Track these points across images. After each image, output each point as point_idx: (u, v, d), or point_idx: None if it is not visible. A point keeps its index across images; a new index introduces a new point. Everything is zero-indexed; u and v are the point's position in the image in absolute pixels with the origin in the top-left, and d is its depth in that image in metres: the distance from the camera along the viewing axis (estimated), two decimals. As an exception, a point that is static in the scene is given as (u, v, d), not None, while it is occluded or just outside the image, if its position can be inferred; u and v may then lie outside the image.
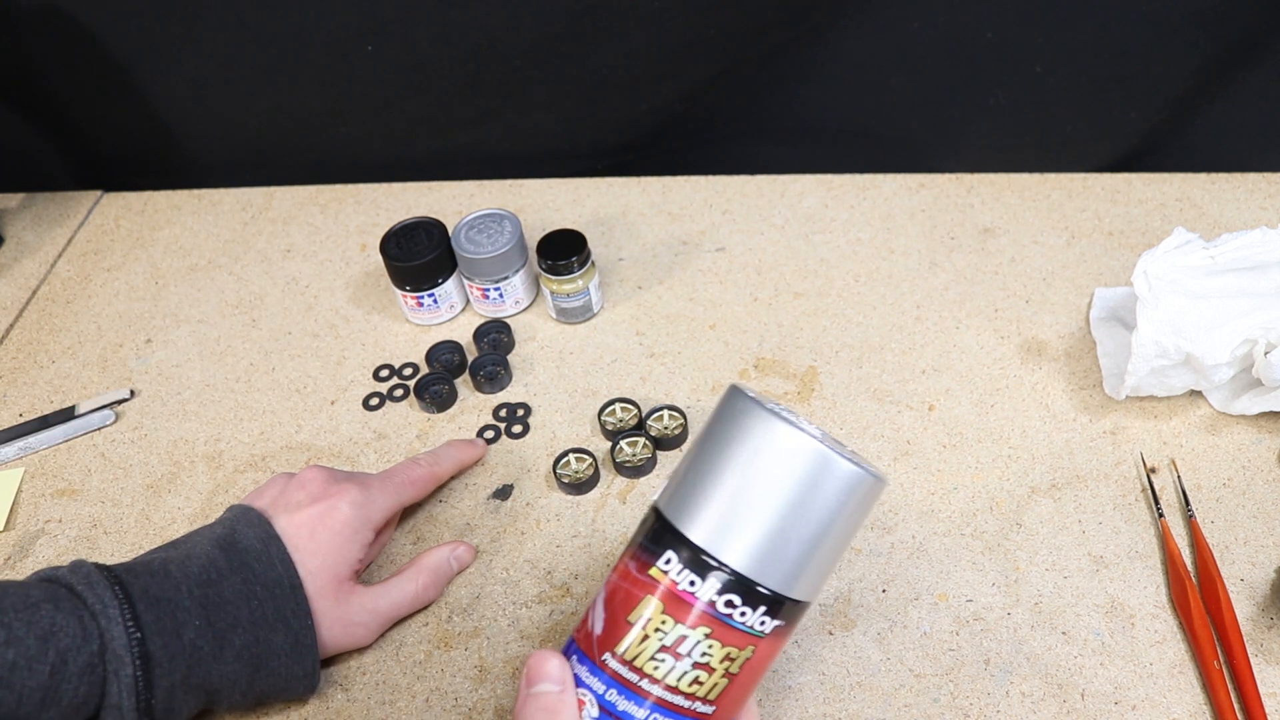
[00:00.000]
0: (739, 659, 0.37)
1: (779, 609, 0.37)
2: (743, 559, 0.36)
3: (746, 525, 0.37)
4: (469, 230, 0.69)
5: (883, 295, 0.70)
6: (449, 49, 0.77)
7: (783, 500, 0.37)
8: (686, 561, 0.37)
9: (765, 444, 0.37)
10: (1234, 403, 0.59)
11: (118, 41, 0.78)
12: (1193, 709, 0.47)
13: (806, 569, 0.37)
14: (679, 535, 0.37)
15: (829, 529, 0.37)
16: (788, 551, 0.37)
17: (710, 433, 0.39)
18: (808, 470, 0.37)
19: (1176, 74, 0.73)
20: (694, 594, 0.37)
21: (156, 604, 0.44)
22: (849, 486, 0.37)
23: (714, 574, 0.37)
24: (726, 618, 0.37)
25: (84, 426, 0.66)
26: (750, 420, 0.38)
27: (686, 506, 0.38)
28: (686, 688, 0.37)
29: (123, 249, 0.81)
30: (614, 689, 0.37)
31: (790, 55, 0.76)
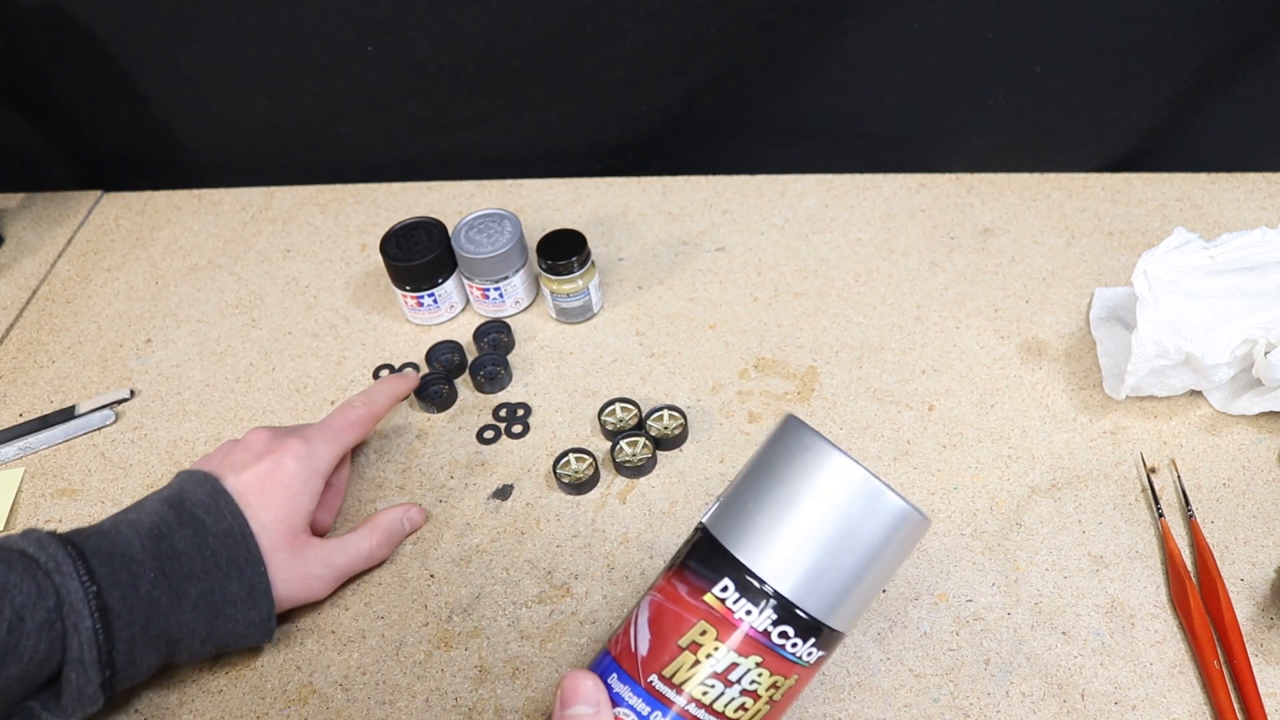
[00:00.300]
0: (783, 687, 0.38)
1: (824, 639, 0.38)
2: (797, 588, 0.37)
3: (801, 554, 0.37)
4: (469, 230, 0.69)
5: (883, 295, 0.70)
6: (449, 49, 0.77)
7: (836, 531, 0.37)
8: (741, 588, 0.37)
9: (823, 475, 0.38)
10: (1234, 403, 0.59)
11: (118, 41, 0.78)
12: (1193, 709, 0.47)
13: (850, 600, 0.38)
14: (734, 561, 0.38)
15: (875, 563, 0.38)
16: (837, 583, 0.38)
17: (766, 460, 0.39)
18: (862, 504, 0.37)
19: (1176, 74, 0.73)
20: (750, 622, 0.37)
21: (110, 559, 0.45)
22: (898, 522, 0.38)
23: (768, 602, 0.37)
24: (780, 648, 0.37)
25: (84, 426, 0.66)
26: (807, 450, 0.38)
27: (742, 531, 0.38)
28: (732, 714, 0.37)
29: (123, 249, 0.81)
30: (659, 711, 0.37)
31: (790, 55, 0.76)
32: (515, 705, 0.50)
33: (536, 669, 0.51)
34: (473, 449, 0.62)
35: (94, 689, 0.44)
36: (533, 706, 0.49)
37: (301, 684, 0.51)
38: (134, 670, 0.46)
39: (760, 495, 0.39)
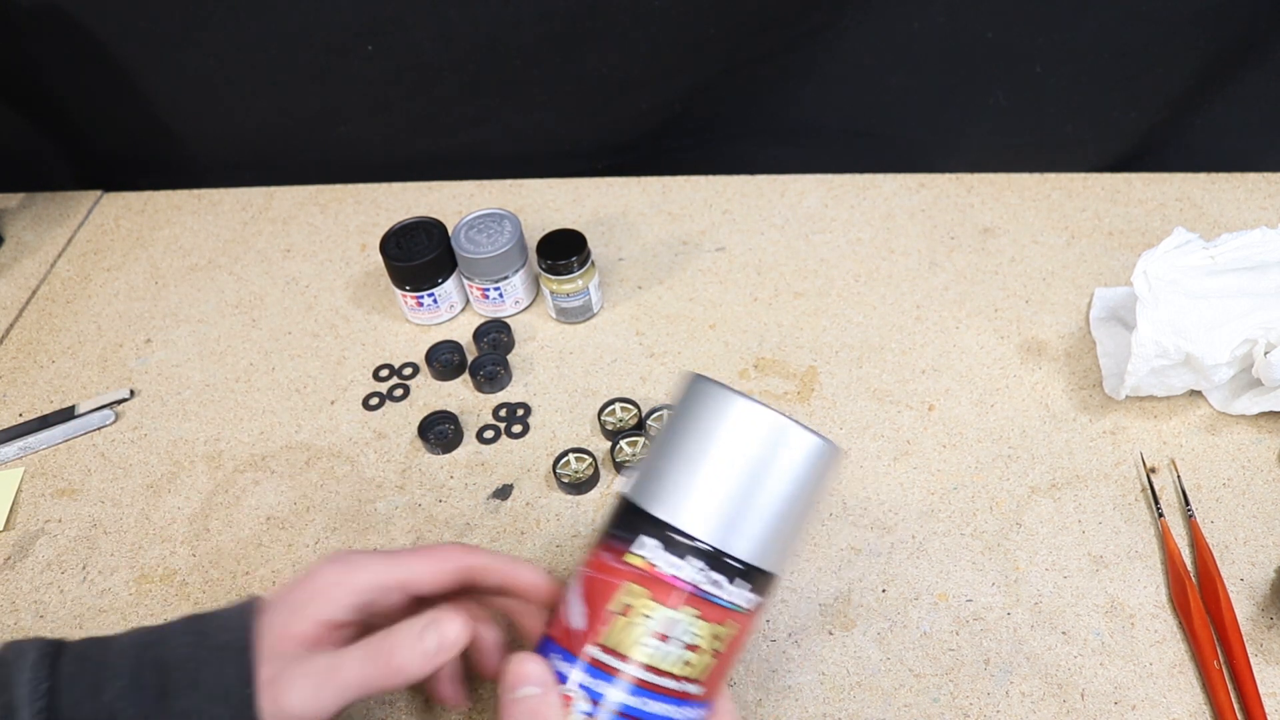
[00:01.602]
0: (725, 637, 0.38)
1: (757, 583, 0.38)
2: (717, 534, 0.37)
3: (717, 500, 0.37)
4: (469, 230, 0.69)
5: (883, 295, 0.70)
6: (449, 49, 0.77)
7: (748, 473, 0.37)
8: (663, 543, 0.37)
9: (726, 419, 0.38)
10: (1234, 403, 0.59)
11: (118, 41, 0.78)
12: (1193, 709, 0.47)
13: (774, 540, 0.38)
14: (651, 518, 0.38)
15: (793, 499, 0.38)
16: (757, 524, 0.37)
17: (673, 420, 0.40)
18: (769, 442, 0.37)
19: (1176, 74, 0.73)
20: (676, 576, 0.37)
21: (84, 661, 0.39)
22: (809, 456, 0.38)
23: (693, 553, 0.37)
24: (713, 597, 0.37)
25: (84, 426, 0.66)
26: (710, 399, 0.38)
27: (656, 490, 0.38)
28: (679, 670, 0.37)
29: (123, 249, 0.81)
30: (602, 679, 0.37)
31: (790, 55, 0.76)
32: (515, 705, 0.49)
33: (536, 669, 0.51)
34: (473, 449, 0.62)
35: None
36: (533, 706, 0.49)
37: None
38: None
39: (670, 452, 0.39)
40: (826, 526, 0.56)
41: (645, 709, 0.37)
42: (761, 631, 0.51)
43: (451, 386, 0.67)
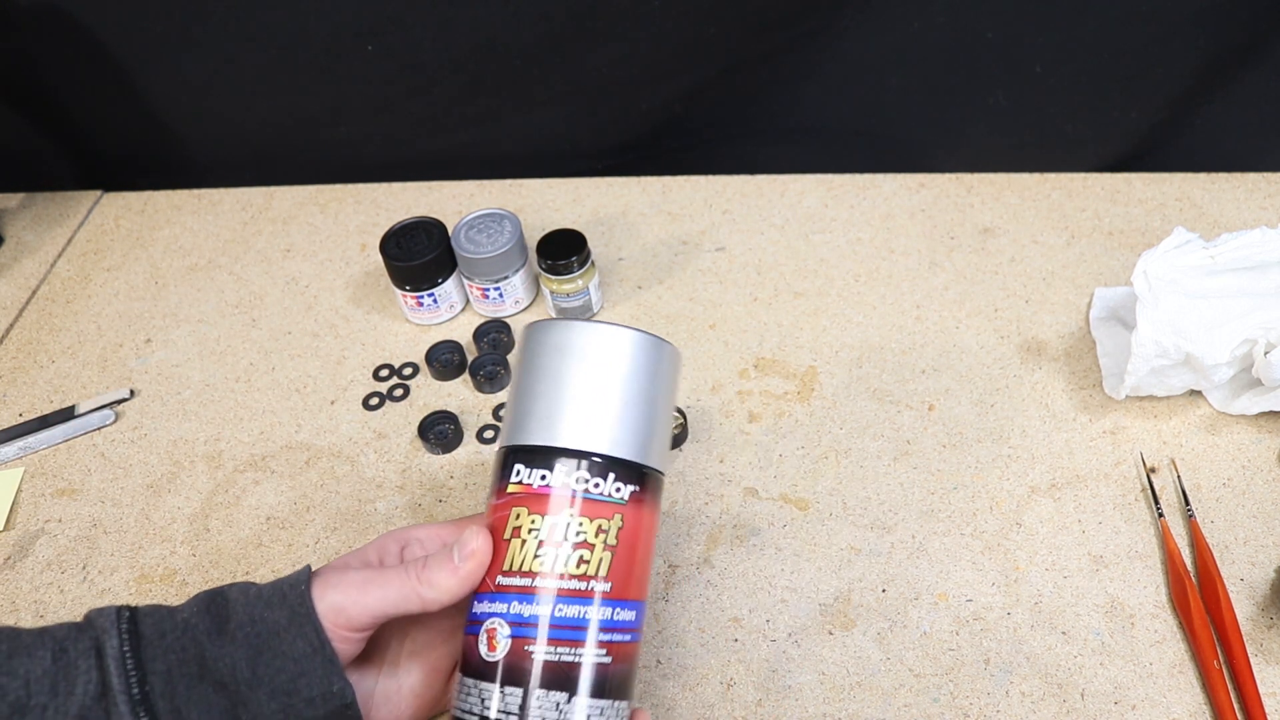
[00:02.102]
0: (612, 529, 0.40)
1: (623, 472, 0.41)
2: (569, 435, 0.40)
3: (562, 410, 0.41)
4: (469, 230, 0.69)
5: (883, 295, 0.70)
6: (449, 49, 0.77)
7: (581, 378, 0.41)
8: (530, 463, 0.41)
9: (547, 343, 0.42)
10: (1234, 402, 0.59)
11: (118, 41, 0.78)
12: (1193, 709, 0.47)
13: (630, 431, 0.41)
14: (517, 448, 0.41)
15: (632, 391, 0.41)
16: (607, 418, 0.41)
17: (517, 368, 0.43)
18: (588, 347, 0.41)
19: (1176, 74, 0.73)
20: (547, 485, 0.40)
21: (154, 609, 0.42)
22: (632, 350, 0.42)
23: (556, 461, 0.40)
24: (584, 493, 0.40)
25: (84, 426, 0.66)
26: (531, 337, 0.43)
27: (515, 425, 0.42)
28: (576, 569, 0.40)
29: (123, 249, 0.81)
30: (515, 601, 0.40)
31: (790, 55, 0.76)
32: (515, 705, 0.49)
33: (536, 669, 0.51)
34: (473, 449, 0.62)
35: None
36: (533, 706, 0.49)
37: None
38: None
39: (517, 394, 0.43)
40: (827, 526, 0.56)
41: (563, 614, 0.39)
42: (761, 631, 0.51)
43: (451, 386, 0.67)
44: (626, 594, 0.41)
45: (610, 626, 0.40)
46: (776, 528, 0.56)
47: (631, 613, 0.41)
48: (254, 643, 0.41)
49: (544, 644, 0.39)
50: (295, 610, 0.41)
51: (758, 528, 0.56)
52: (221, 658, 0.40)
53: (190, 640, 0.40)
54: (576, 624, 0.39)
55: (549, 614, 0.39)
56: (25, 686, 0.38)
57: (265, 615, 0.41)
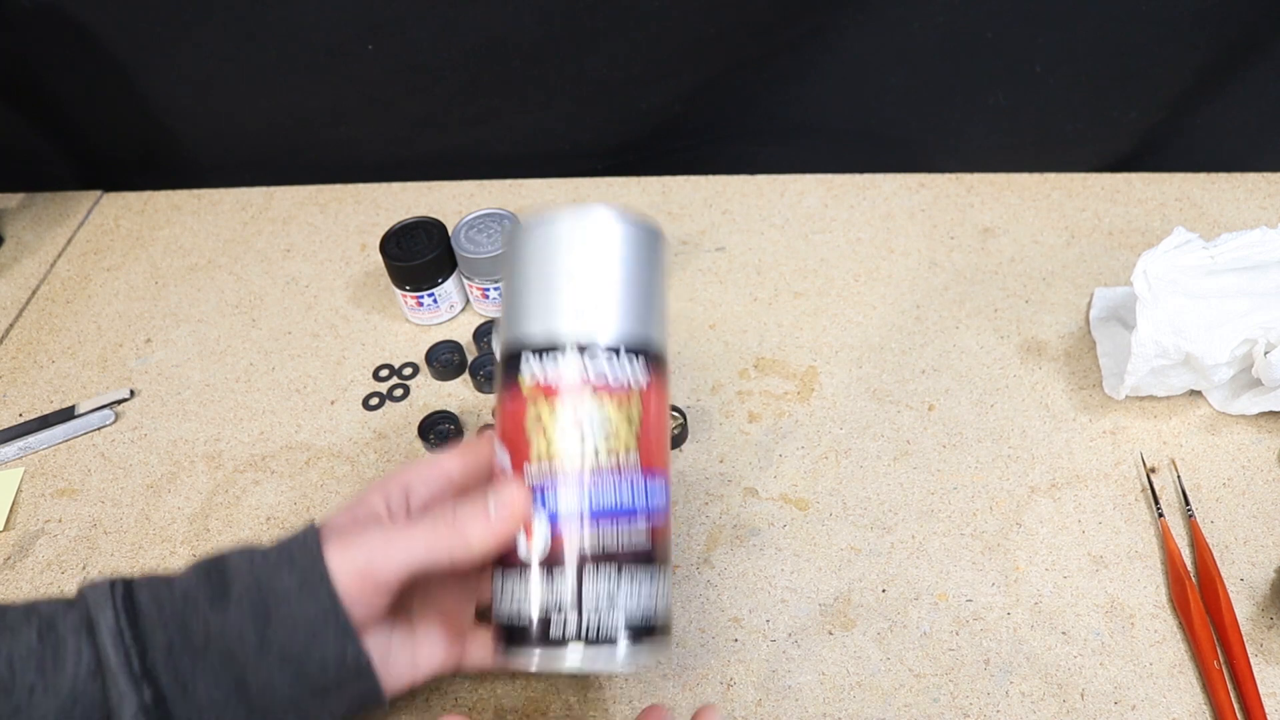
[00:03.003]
0: (632, 410, 0.41)
1: (636, 355, 0.41)
2: (580, 324, 0.40)
3: (568, 298, 0.41)
4: (469, 230, 0.69)
5: (883, 295, 0.70)
6: (449, 49, 0.77)
7: (575, 267, 0.41)
8: (542, 357, 0.40)
9: (533, 240, 0.42)
10: (1234, 402, 0.59)
11: (118, 41, 0.78)
12: (1193, 709, 0.47)
13: (630, 311, 0.41)
14: (521, 346, 0.41)
15: (632, 272, 0.41)
16: (610, 302, 0.41)
17: (509, 264, 0.43)
18: (581, 233, 0.41)
19: (1176, 74, 0.73)
20: (562, 376, 0.40)
21: (150, 579, 0.40)
22: (618, 233, 0.41)
23: (568, 351, 0.40)
24: (602, 377, 0.40)
25: (84, 426, 0.66)
26: (517, 237, 0.42)
27: (518, 322, 0.41)
28: (605, 454, 0.40)
29: (123, 249, 0.81)
30: (549, 494, 0.40)
31: (790, 55, 0.76)
32: (515, 705, 0.50)
33: (536, 669, 0.51)
34: (473, 449, 0.62)
35: (137, 716, 0.36)
36: (532, 706, 0.49)
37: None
38: (188, 698, 0.37)
39: (516, 288, 0.42)
40: (827, 526, 0.56)
41: (597, 499, 0.40)
42: (761, 631, 0.51)
43: (451, 386, 0.67)
44: (655, 470, 0.41)
45: (644, 504, 0.41)
46: (776, 528, 0.56)
47: (661, 487, 0.42)
48: (260, 609, 0.39)
49: (585, 531, 0.40)
50: (306, 573, 0.39)
51: (758, 528, 0.56)
52: (226, 625, 0.38)
53: (191, 610, 0.38)
54: (614, 507, 0.40)
55: (584, 501, 0.40)
56: (9, 665, 0.36)
57: (272, 579, 0.39)
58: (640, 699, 0.49)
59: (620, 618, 0.39)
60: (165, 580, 0.40)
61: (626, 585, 0.40)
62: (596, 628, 0.39)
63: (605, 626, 0.39)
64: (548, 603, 0.39)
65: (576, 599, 0.39)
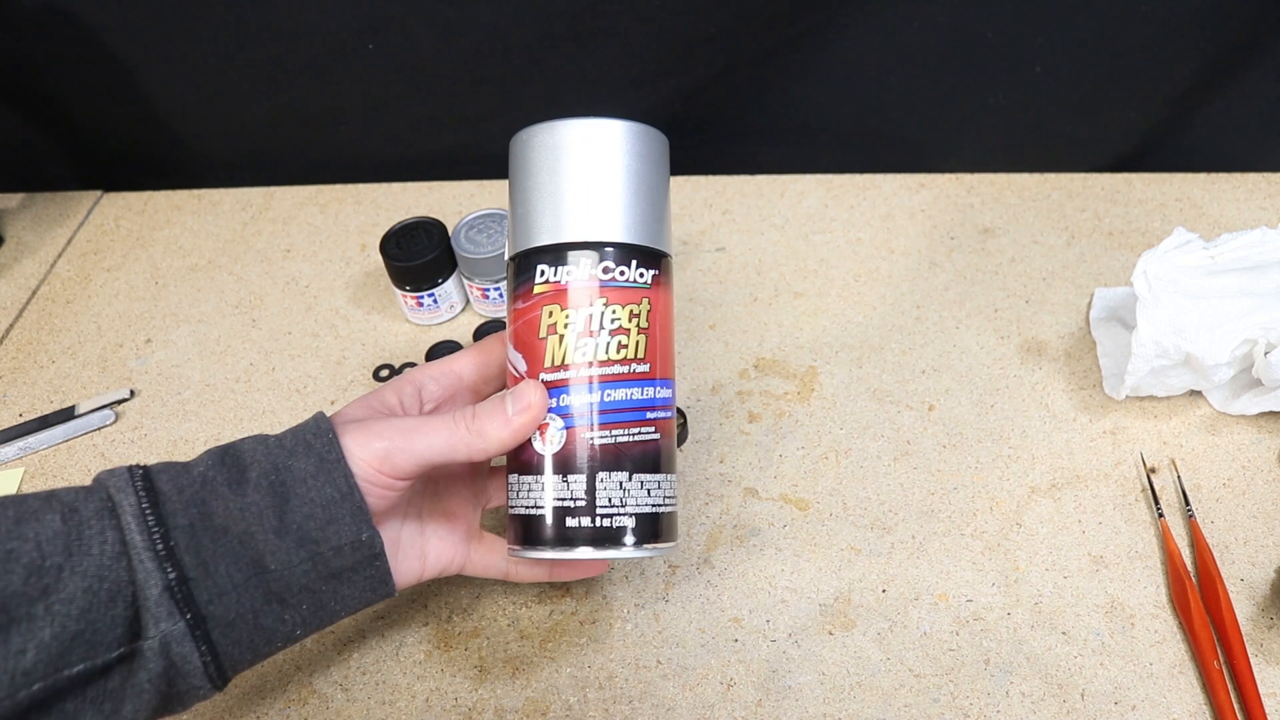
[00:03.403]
0: (641, 312, 0.43)
1: (643, 258, 0.43)
2: (590, 228, 0.42)
3: (567, 207, 0.42)
4: (469, 230, 0.69)
5: (883, 295, 0.70)
6: (449, 48, 0.77)
7: (582, 175, 0.42)
8: (554, 261, 0.42)
9: (547, 142, 0.43)
10: (1234, 403, 0.59)
11: (118, 41, 0.78)
12: (1193, 709, 0.47)
13: (635, 217, 0.42)
14: (532, 252, 0.43)
15: (636, 178, 0.43)
16: (613, 208, 0.42)
17: (514, 175, 0.44)
18: (582, 143, 0.42)
19: (1176, 74, 0.73)
20: (573, 278, 0.42)
21: (167, 465, 0.41)
22: (625, 139, 0.43)
23: (580, 255, 0.42)
24: (610, 281, 0.42)
25: (84, 426, 0.66)
26: (529, 137, 0.43)
27: (529, 229, 0.43)
28: (616, 355, 0.42)
29: (123, 249, 0.81)
30: (563, 393, 0.42)
31: (790, 55, 0.76)
32: (515, 705, 0.50)
33: (536, 669, 0.51)
34: (473, 449, 0.62)
35: (162, 596, 0.37)
36: (532, 706, 0.49)
37: (301, 684, 0.51)
38: (210, 578, 0.38)
39: (523, 198, 0.43)
40: (827, 526, 0.56)
41: (611, 398, 0.42)
42: (761, 631, 0.51)
43: (451, 386, 0.67)
44: (663, 372, 0.44)
45: (654, 404, 0.43)
46: (776, 528, 0.56)
47: (669, 390, 0.44)
48: (280, 490, 0.40)
49: (597, 429, 0.42)
50: (323, 457, 0.40)
51: (758, 528, 0.56)
52: (246, 508, 0.39)
53: (210, 493, 0.39)
54: (625, 405, 0.42)
55: (598, 400, 0.42)
56: (38, 549, 0.36)
57: (289, 463, 0.40)
58: (640, 699, 0.49)
59: (629, 519, 0.42)
60: (183, 466, 0.40)
61: (636, 485, 0.42)
62: (608, 525, 0.42)
63: (615, 524, 0.42)
64: (560, 502, 0.42)
65: (589, 498, 0.41)
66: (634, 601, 0.53)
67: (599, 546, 0.42)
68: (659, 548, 0.43)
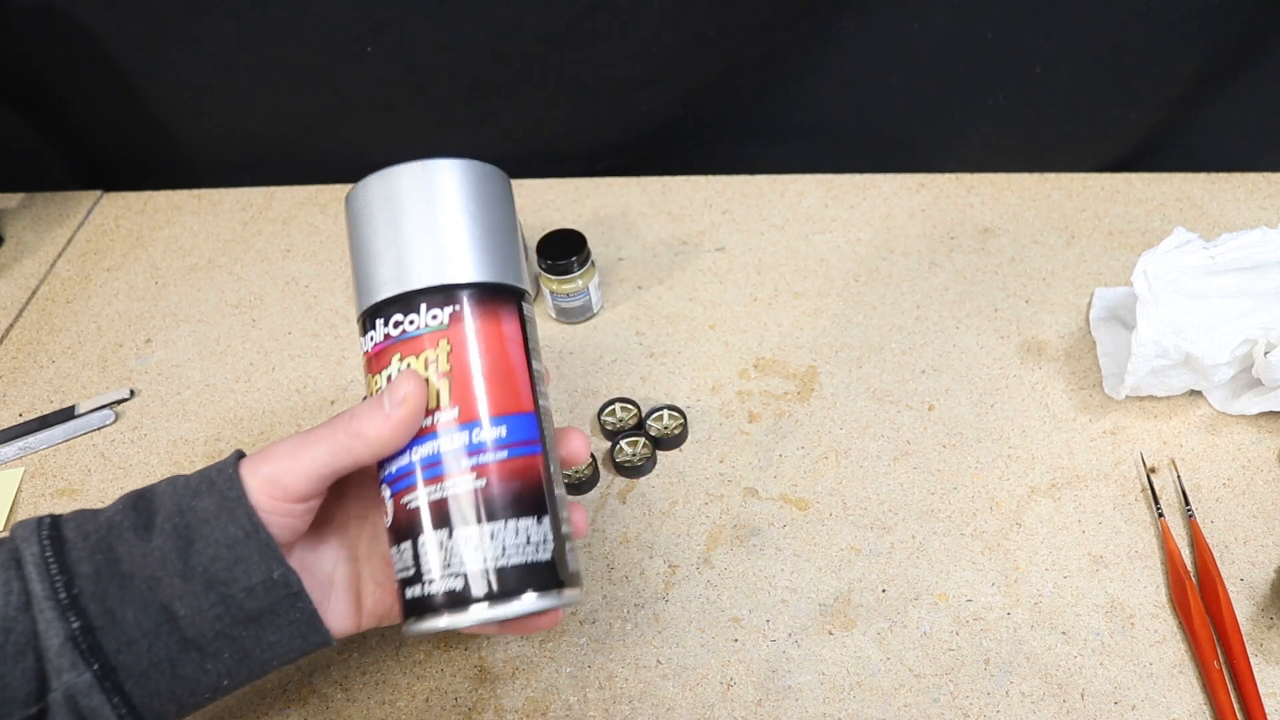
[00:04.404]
0: (439, 356, 0.40)
1: (433, 300, 0.40)
2: (368, 293, 0.41)
3: (359, 270, 0.42)
4: (469, 230, 0.69)
5: (883, 295, 0.70)
6: (449, 50, 0.77)
7: (360, 234, 0.42)
8: (363, 330, 0.42)
9: (349, 213, 0.43)
10: (1234, 403, 0.59)
11: (118, 42, 0.78)
12: (1193, 709, 0.47)
13: (419, 258, 0.41)
14: (361, 317, 0.42)
15: (412, 217, 0.42)
16: (388, 258, 0.41)
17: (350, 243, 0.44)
18: (351, 209, 0.42)
19: (1176, 74, 0.73)
20: (374, 343, 0.41)
21: (78, 513, 0.40)
22: (390, 185, 0.43)
23: (374, 320, 0.41)
24: (401, 335, 0.40)
25: (84, 426, 0.66)
26: (348, 211, 0.43)
27: (357, 297, 0.42)
28: (443, 401, 0.40)
29: (123, 249, 0.81)
30: (385, 464, 0.40)
31: (790, 55, 0.76)
32: (515, 705, 0.50)
33: (536, 669, 0.51)
34: (473, 449, 0.62)
35: (64, 646, 0.36)
36: (532, 706, 0.49)
37: (301, 684, 0.51)
38: (117, 627, 0.37)
39: (353, 262, 0.43)
40: (827, 526, 0.56)
41: (423, 454, 0.39)
42: (761, 631, 0.51)
43: (451, 386, 0.67)
44: (486, 411, 0.40)
45: (476, 449, 0.39)
46: (776, 528, 0.56)
47: (501, 428, 0.40)
48: (183, 533, 0.38)
49: (413, 490, 0.39)
50: (224, 494, 0.39)
51: (758, 528, 0.56)
52: (150, 553, 0.38)
53: (116, 538, 0.38)
54: (433, 460, 0.39)
55: (406, 461, 0.39)
56: None
57: (193, 504, 0.39)
58: (640, 699, 0.49)
59: (459, 580, 0.38)
60: (92, 513, 0.40)
61: (464, 534, 0.38)
62: (446, 591, 0.38)
63: (448, 588, 0.38)
64: (401, 573, 0.39)
65: (415, 565, 0.39)
66: (634, 601, 0.53)
67: (444, 613, 0.38)
68: (538, 601, 0.39)
